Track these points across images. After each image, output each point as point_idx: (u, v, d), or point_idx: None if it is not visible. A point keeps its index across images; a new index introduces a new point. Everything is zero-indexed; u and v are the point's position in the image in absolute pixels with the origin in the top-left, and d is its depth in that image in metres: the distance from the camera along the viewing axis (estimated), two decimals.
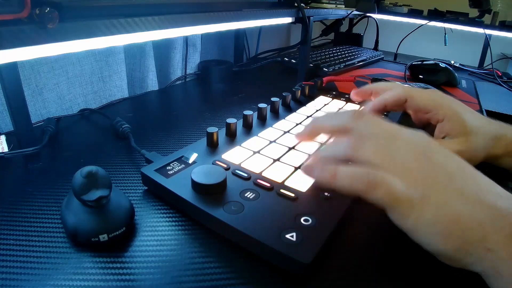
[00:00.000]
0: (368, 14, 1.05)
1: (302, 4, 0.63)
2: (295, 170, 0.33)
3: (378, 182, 0.24)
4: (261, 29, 0.99)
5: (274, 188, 0.30)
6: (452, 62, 0.93)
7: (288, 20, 0.63)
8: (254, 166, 0.33)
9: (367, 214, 0.31)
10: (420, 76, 0.74)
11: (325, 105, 0.52)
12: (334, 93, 0.58)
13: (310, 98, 0.55)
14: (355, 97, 0.45)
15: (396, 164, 0.24)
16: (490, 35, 0.97)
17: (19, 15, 0.24)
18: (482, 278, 0.22)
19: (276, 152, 0.36)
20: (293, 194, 0.29)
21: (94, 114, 0.52)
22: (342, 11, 0.88)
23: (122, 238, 0.26)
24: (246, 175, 0.31)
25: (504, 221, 0.22)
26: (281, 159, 0.35)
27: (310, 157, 0.36)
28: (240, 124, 0.42)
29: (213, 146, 0.37)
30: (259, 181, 0.30)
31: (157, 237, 0.27)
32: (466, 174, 0.25)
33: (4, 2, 0.23)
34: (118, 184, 0.34)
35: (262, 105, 0.44)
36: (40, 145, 0.37)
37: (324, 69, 0.75)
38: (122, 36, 0.33)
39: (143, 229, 0.28)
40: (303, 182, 0.31)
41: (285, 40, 1.21)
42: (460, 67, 0.92)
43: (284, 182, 0.31)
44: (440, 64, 0.75)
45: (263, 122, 0.44)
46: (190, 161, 0.33)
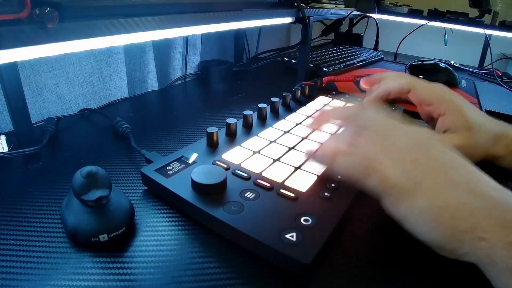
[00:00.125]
0: (368, 14, 1.04)
1: (302, 4, 0.63)
2: (295, 170, 0.33)
3: (372, 169, 0.25)
4: (261, 29, 0.99)
5: (274, 188, 0.30)
6: (452, 62, 0.93)
7: (288, 20, 0.63)
8: (254, 166, 0.33)
9: (367, 214, 0.31)
10: (420, 76, 0.74)
11: (325, 105, 0.52)
12: (334, 93, 0.58)
13: (310, 98, 0.54)
14: (364, 84, 0.45)
15: (391, 153, 0.25)
16: (490, 35, 0.97)
17: (19, 15, 0.24)
18: (482, 279, 0.22)
19: (276, 152, 0.36)
20: (293, 194, 0.29)
21: (94, 114, 0.52)
22: (342, 11, 0.88)
23: (122, 238, 0.26)
24: (246, 175, 0.31)
25: (496, 210, 0.22)
26: (281, 159, 0.35)
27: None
28: (240, 124, 0.42)
29: (213, 146, 0.37)
30: (259, 181, 0.30)
31: (157, 237, 0.27)
32: (460, 166, 0.25)
33: (4, 2, 0.23)
34: (118, 184, 0.34)
35: (262, 105, 0.44)
36: (40, 145, 0.37)
37: (324, 69, 0.75)
38: (122, 36, 0.33)
39: (143, 229, 0.28)
40: (303, 182, 0.31)
41: (285, 40, 1.21)
42: (460, 67, 0.92)
43: (284, 182, 0.31)
44: (440, 64, 0.75)
45: (263, 122, 0.44)
46: (190, 161, 0.33)
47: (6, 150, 0.37)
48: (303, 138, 0.39)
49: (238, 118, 0.40)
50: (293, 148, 0.37)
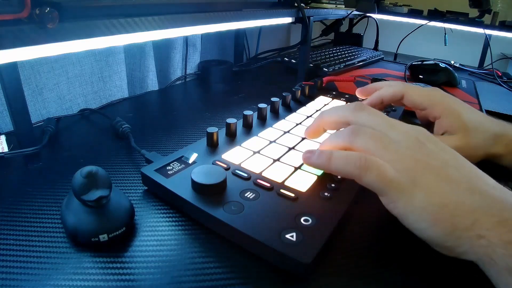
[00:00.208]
0: (368, 14, 1.05)
1: (302, 4, 0.63)
2: (295, 170, 0.33)
3: (370, 165, 0.25)
4: (261, 29, 0.99)
5: (274, 188, 0.30)
6: (452, 62, 0.93)
7: (288, 20, 0.63)
8: (254, 166, 0.33)
9: (367, 214, 0.31)
10: (420, 76, 0.74)
11: (325, 105, 0.52)
12: (334, 93, 0.58)
13: (310, 98, 0.55)
14: (360, 94, 0.45)
15: (389, 150, 0.25)
16: (490, 35, 0.97)
17: (19, 15, 0.24)
18: (481, 278, 0.22)
19: (276, 152, 0.36)
20: (293, 194, 0.29)
21: (94, 114, 0.52)
22: (342, 11, 0.88)
23: (122, 238, 0.26)
24: (246, 175, 0.31)
25: (495, 207, 0.22)
26: (281, 159, 0.35)
27: None
28: (240, 124, 0.42)
29: (213, 146, 0.37)
30: (259, 181, 0.30)
31: (157, 237, 0.27)
32: (460, 164, 0.25)
33: (4, 2, 0.23)
34: (118, 184, 0.34)
35: (262, 105, 0.44)
36: (40, 145, 0.37)
37: (324, 69, 0.75)
38: (122, 36, 0.33)
39: (143, 229, 0.28)
40: (303, 182, 0.31)
41: (285, 40, 1.21)
42: (460, 67, 0.92)
43: (284, 182, 0.31)
44: (440, 64, 0.75)
45: (263, 122, 0.44)
46: (190, 161, 0.33)
47: (6, 150, 0.37)
48: (303, 138, 0.39)
49: (238, 118, 0.40)
50: (293, 148, 0.37)
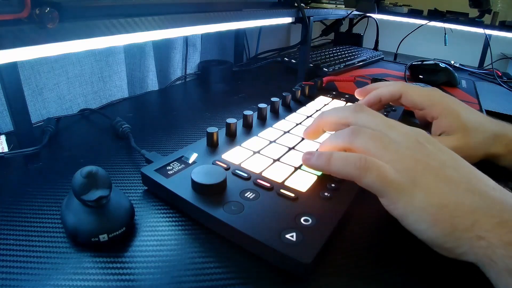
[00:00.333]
0: (368, 14, 1.05)
1: (302, 4, 0.63)
2: (295, 170, 0.33)
3: (370, 166, 0.25)
4: (261, 29, 0.99)
5: (274, 188, 0.30)
6: (452, 62, 0.93)
7: (288, 20, 0.63)
8: (254, 166, 0.33)
9: (367, 214, 0.31)
10: (420, 76, 0.74)
11: (325, 105, 0.52)
12: (334, 93, 0.58)
13: (310, 98, 0.55)
14: (358, 95, 0.45)
15: (389, 150, 0.25)
16: (490, 35, 0.97)
17: (19, 15, 0.24)
18: (481, 279, 0.22)
19: (276, 152, 0.36)
20: (293, 194, 0.29)
21: (94, 114, 0.52)
22: (342, 11, 0.88)
23: (122, 238, 0.26)
24: (246, 175, 0.31)
25: (495, 208, 0.22)
26: (281, 159, 0.35)
27: None
28: (240, 124, 0.42)
29: (213, 146, 0.37)
30: (259, 181, 0.30)
31: (157, 237, 0.27)
32: (459, 165, 0.25)
33: (4, 2, 0.23)
34: (118, 184, 0.34)
35: (262, 105, 0.44)
36: (40, 145, 0.37)
37: (324, 69, 0.75)
38: (122, 36, 0.33)
39: (143, 229, 0.28)
40: (303, 182, 0.31)
41: (285, 40, 1.21)
42: (460, 67, 0.92)
43: (284, 182, 0.31)
44: (440, 64, 0.75)
45: (263, 122, 0.44)
46: (190, 161, 0.33)
47: (6, 150, 0.37)
48: (303, 138, 0.39)
49: (238, 118, 0.40)
50: (293, 148, 0.37)
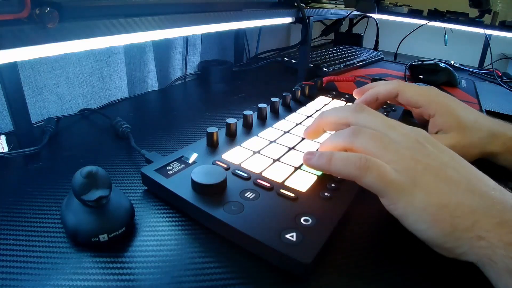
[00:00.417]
0: (368, 14, 1.04)
1: (302, 4, 0.63)
2: (295, 170, 0.33)
3: (370, 166, 0.25)
4: (261, 29, 0.98)
5: (274, 188, 0.30)
6: (452, 62, 0.93)
7: (288, 20, 0.63)
8: (254, 166, 0.33)
9: (367, 214, 0.31)
10: (420, 76, 0.74)
11: (325, 105, 0.52)
12: (334, 93, 0.58)
13: (310, 98, 0.55)
14: (357, 95, 0.45)
15: (389, 150, 0.25)
16: (490, 35, 0.97)
17: (19, 15, 0.24)
18: (481, 279, 0.22)
19: (276, 152, 0.36)
20: (293, 194, 0.29)
21: (94, 114, 0.52)
22: (342, 11, 0.88)
23: (122, 238, 0.26)
24: (246, 175, 0.31)
25: (495, 208, 0.22)
26: (281, 159, 0.35)
27: None
28: (240, 124, 0.42)
29: (213, 146, 0.37)
30: (259, 181, 0.30)
31: (157, 237, 0.27)
32: (459, 165, 0.25)
33: (4, 2, 0.23)
34: (118, 184, 0.34)
35: (262, 105, 0.44)
36: (40, 145, 0.37)
37: (324, 69, 0.75)
38: (122, 36, 0.33)
39: (143, 229, 0.28)
40: (303, 182, 0.31)
41: (285, 40, 1.21)
42: (460, 67, 0.92)
43: (284, 182, 0.31)
44: (440, 64, 0.75)
45: (263, 122, 0.44)
46: (190, 161, 0.33)
47: (6, 150, 0.37)
48: (303, 138, 0.39)
49: (238, 118, 0.40)
50: (293, 148, 0.37)
